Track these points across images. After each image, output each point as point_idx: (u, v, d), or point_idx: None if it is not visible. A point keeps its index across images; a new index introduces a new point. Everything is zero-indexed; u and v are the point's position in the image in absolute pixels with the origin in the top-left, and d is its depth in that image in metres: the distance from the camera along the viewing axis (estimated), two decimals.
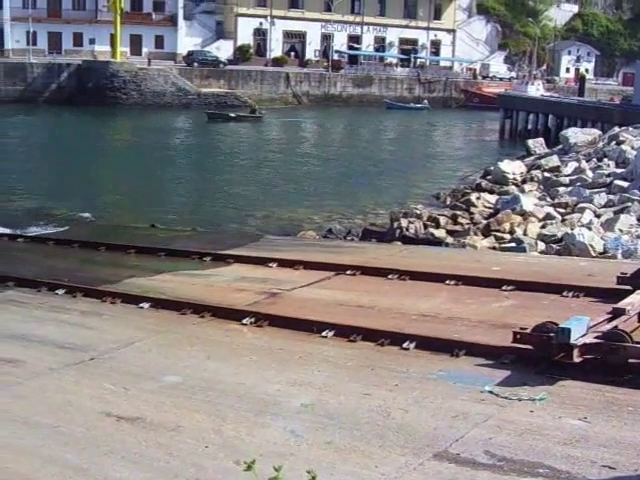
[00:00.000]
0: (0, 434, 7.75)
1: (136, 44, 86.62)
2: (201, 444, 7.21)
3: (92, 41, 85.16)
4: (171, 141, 52.25)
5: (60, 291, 13.62)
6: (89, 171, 38.07)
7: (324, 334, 10.38)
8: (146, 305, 12.31)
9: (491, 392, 8.17)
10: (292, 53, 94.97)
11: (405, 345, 9.78)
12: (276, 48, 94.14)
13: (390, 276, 13.45)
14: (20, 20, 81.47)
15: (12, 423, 8.02)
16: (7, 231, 21.85)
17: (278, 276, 14.08)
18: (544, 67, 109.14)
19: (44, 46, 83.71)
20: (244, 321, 11.05)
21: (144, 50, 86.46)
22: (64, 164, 40.86)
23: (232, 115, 64.61)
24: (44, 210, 26.94)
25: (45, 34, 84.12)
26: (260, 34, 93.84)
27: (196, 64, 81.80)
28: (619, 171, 28.03)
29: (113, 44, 78.94)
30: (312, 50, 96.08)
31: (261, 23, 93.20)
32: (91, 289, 13.43)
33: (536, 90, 74.78)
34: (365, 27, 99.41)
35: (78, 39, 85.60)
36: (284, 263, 14.85)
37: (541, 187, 29.06)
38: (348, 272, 13.91)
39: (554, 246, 19.28)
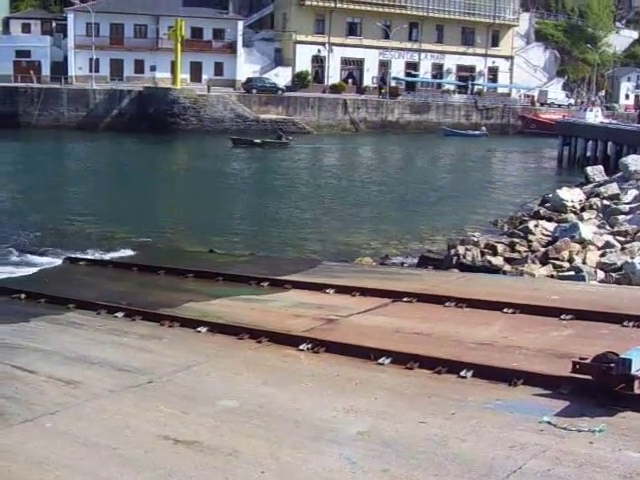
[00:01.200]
0: (59, 455, 7.85)
1: (196, 71, 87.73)
2: (257, 469, 7.23)
3: (153, 68, 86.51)
4: (229, 167, 52.69)
5: (119, 314, 13.80)
6: (149, 196, 38.56)
7: (381, 361, 10.36)
8: (204, 329, 12.40)
9: (549, 423, 8.07)
10: (350, 80, 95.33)
11: (462, 373, 9.72)
12: (334, 75, 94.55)
13: (447, 303, 13.39)
14: (83, 48, 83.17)
15: (71, 444, 8.12)
16: (69, 254, 22.21)
17: (335, 302, 14.09)
18: (603, 94, 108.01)
19: (106, 73, 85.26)
20: (301, 347, 11.07)
21: (204, 77, 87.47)
22: (125, 189, 41.46)
23: (257, 141, 64.04)
24: (104, 234, 27.32)
25: (107, 61, 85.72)
26: (318, 61, 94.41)
27: (255, 91, 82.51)
28: None
29: (173, 71, 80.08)
30: (370, 77, 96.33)
31: (319, 50, 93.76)
32: (150, 312, 13.58)
33: (595, 117, 73.94)
34: (423, 54, 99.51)
35: (139, 66, 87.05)
36: (341, 289, 14.86)
37: (600, 215, 28.67)
38: (405, 299, 13.88)
39: (613, 275, 18.99)
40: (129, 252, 23.10)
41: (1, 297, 16.67)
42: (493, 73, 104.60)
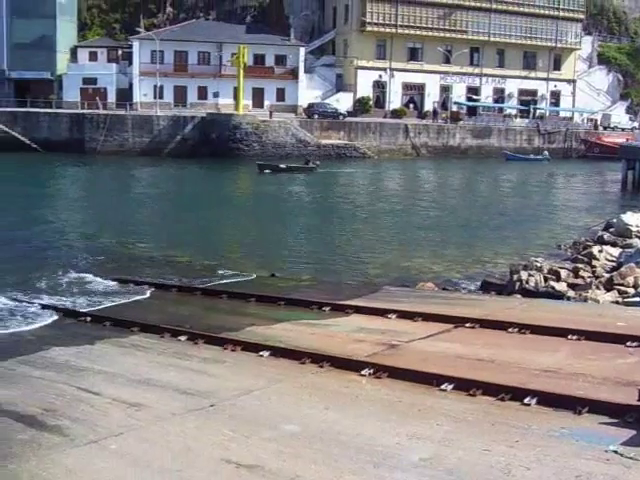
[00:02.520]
0: (123, 476, 7.95)
1: (258, 97, 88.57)
2: None
3: (216, 94, 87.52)
4: (290, 191, 52.95)
5: (182, 337, 13.94)
6: (211, 221, 38.88)
7: (443, 387, 10.30)
8: (266, 353, 12.46)
9: (616, 452, 7.93)
10: (411, 105, 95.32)
11: (526, 401, 9.62)
12: (395, 100, 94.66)
13: (510, 329, 13.28)
14: (148, 75, 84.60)
15: (135, 466, 8.21)
16: (132, 278, 22.50)
17: (397, 327, 14.06)
18: None
19: (170, 99, 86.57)
20: (363, 372, 11.06)
21: (266, 103, 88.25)
22: (186, 214, 41.89)
23: (282, 166, 63.33)
24: (167, 258, 27.59)
25: (171, 88, 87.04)
26: (379, 86, 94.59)
27: (316, 116, 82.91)
28: None
29: (236, 97, 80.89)
30: (431, 102, 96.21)
31: (380, 75, 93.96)
32: (213, 336, 13.70)
33: None
34: (484, 78, 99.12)
35: (203, 92, 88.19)
36: (403, 314, 14.83)
37: None
38: (467, 325, 13.80)
39: None
40: (192, 276, 23.32)
41: (68, 319, 16.99)
42: (555, 97, 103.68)
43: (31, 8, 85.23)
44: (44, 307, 18.62)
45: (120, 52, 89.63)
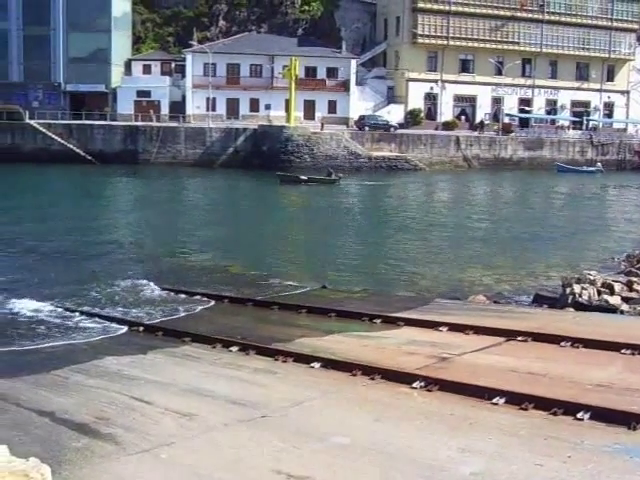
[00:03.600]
0: None
1: (310, 109, 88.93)
2: None
3: (268, 106, 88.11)
4: (340, 203, 52.98)
5: (234, 348, 14.02)
6: (263, 232, 39.07)
7: (495, 401, 10.24)
8: (317, 365, 12.48)
9: None
10: (462, 116, 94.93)
11: (579, 415, 9.52)
12: (446, 112, 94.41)
13: (563, 343, 13.15)
14: (201, 87, 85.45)
15: (186, 476, 8.28)
16: (184, 289, 22.68)
17: (448, 340, 14.00)
18: None
19: (222, 112, 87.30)
20: (414, 385, 11.03)
21: (317, 115, 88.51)
22: (238, 224, 42.15)
23: (303, 178, 62.62)
24: (219, 269, 27.76)
25: (224, 100, 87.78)
26: (431, 98, 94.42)
27: (367, 128, 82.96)
28: None
29: (288, 109, 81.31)
30: (482, 113, 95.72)
31: (432, 87, 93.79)
32: (264, 347, 13.76)
33: None
34: (536, 90, 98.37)
35: (254, 105, 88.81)
36: (454, 327, 14.77)
37: None
38: (519, 338, 13.70)
39: None
40: (243, 287, 23.43)
41: (121, 329, 17.18)
42: (609, 108, 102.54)
43: (87, 22, 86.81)
44: (97, 317, 18.86)
45: (173, 65, 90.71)
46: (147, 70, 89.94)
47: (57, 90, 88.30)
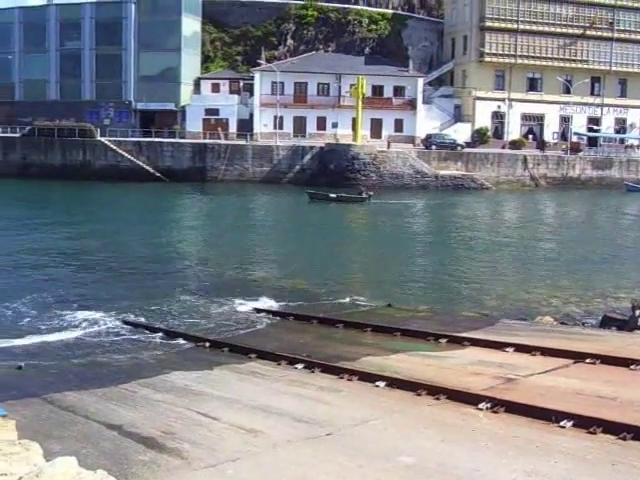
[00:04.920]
0: None
1: (376, 127, 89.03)
2: None
3: (334, 125, 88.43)
4: (406, 221, 52.84)
5: (299, 365, 14.07)
6: (327, 249, 39.11)
7: (562, 424, 10.10)
8: (382, 384, 12.46)
9: None
10: (530, 135, 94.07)
11: None
12: (514, 130, 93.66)
13: (633, 367, 12.92)
14: (268, 106, 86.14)
15: None
16: (249, 305, 22.84)
17: (514, 361, 13.86)
18: None
19: (289, 130, 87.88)
20: (480, 406, 10.94)
21: (384, 133, 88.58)
22: (305, 242, 42.28)
23: (332, 196, 62.38)
24: (283, 285, 27.88)
25: (291, 118, 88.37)
26: (498, 117, 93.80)
27: (434, 147, 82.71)
28: None
29: (354, 128, 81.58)
30: (550, 132, 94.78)
31: (499, 106, 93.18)
32: (329, 365, 13.78)
33: None
34: (605, 108, 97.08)
35: (321, 123, 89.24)
36: (521, 348, 14.62)
37: None
38: (588, 360, 13.49)
39: None
40: (309, 304, 23.50)
41: (187, 344, 17.37)
42: None
43: (158, 42, 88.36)
44: (163, 332, 19.08)
45: (241, 84, 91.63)
46: (216, 89, 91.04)
47: (128, 108, 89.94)
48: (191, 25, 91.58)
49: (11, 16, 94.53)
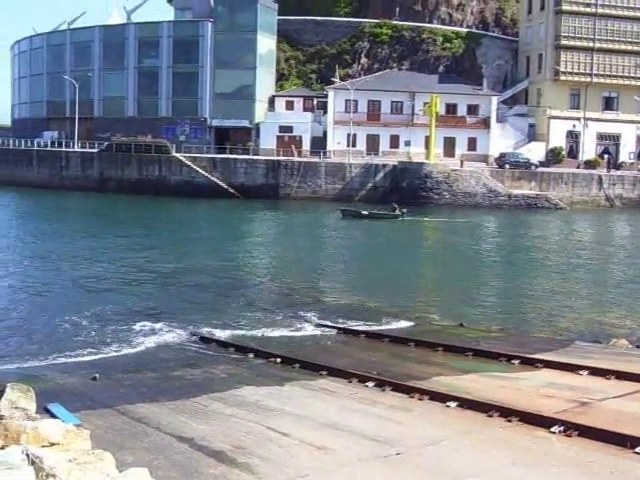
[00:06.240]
0: None
1: (449, 146, 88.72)
2: None
3: (407, 143, 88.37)
4: (477, 241, 52.42)
5: (370, 383, 14.06)
6: (395, 268, 38.92)
7: (638, 450, 9.90)
8: (453, 404, 12.38)
9: None
10: (605, 155, 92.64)
11: None
12: (589, 150, 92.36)
13: None
14: (342, 123, 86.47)
15: None
16: (320, 322, 22.90)
17: (588, 385, 13.64)
18: None
19: (362, 147, 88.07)
20: (552, 429, 10.79)
21: (457, 152, 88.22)
22: (374, 260, 42.24)
23: (364, 212, 62.45)
24: (356, 304, 27.87)
25: (364, 136, 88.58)
26: (573, 136, 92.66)
27: (507, 166, 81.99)
28: None
29: (428, 146, 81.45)
30: (626, 152, 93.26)
31: (574, 125, 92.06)
32: (400, 384, 13.73)
33: None
34: None
35: (395, 141, 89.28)
36: (595, 371, 14.38)
37: None
38: None
39: None
40: (379, 322, 23.45)
41: (258, 360, 17.48)
42: None
43: (233, 60, 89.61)
44: (235, 347, 19.22)
45: (315, 101, 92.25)
46: (290, 106, 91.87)
47: (203, 125, 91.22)
48: (266, 43, 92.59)
49: (91, 35, 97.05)
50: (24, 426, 8.90)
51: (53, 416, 11.60)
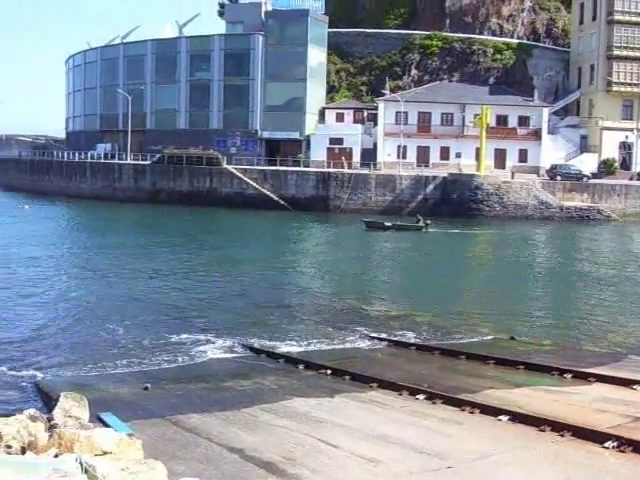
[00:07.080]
0: None
1: (500, 158, 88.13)
2: None
3: (458, 155, 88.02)
4: (528, 254, 51.96)
5: (420, 396, 14.01)
6: (442, 279, 38.68)
7: None
8: (504, 418, 12.29)
9: None
10: None
11: None
12: None
13: None
14: (392, 135, 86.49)
15: None
16: (371, 334, 22.86)
17: None
18: None
19: (413, 159, 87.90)
20: (606, 444, 10.66)
21: (508, 164, 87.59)
22: (423, 272, 42.11)
23: (387, 224, 61.99)
24: (405, 317, 27.79)
25: (414, 148, 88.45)
26: (625, 147, 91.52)
27: (559, 177, 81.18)
28: None
29: (478, 158, 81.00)
30: None
31: (627, 136, 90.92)
32: (451, 397, 13.67)
33: None
34: None
35: (445, 153, 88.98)
36: None
37: None
38: None
39: None
40: (429, 335, 23.36)
41: (308, 371, 17.50)
42: None
43: (284, 73, 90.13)
44: (285, 358, 19.28)
45: (365, 113, 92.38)
46: (340, 118, 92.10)
47: (254, 137, 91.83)
48: (317, 56, 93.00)
49: (144, 48, 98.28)
50: (77, 435, 9.02)
51: (106, 425, 11.74)
